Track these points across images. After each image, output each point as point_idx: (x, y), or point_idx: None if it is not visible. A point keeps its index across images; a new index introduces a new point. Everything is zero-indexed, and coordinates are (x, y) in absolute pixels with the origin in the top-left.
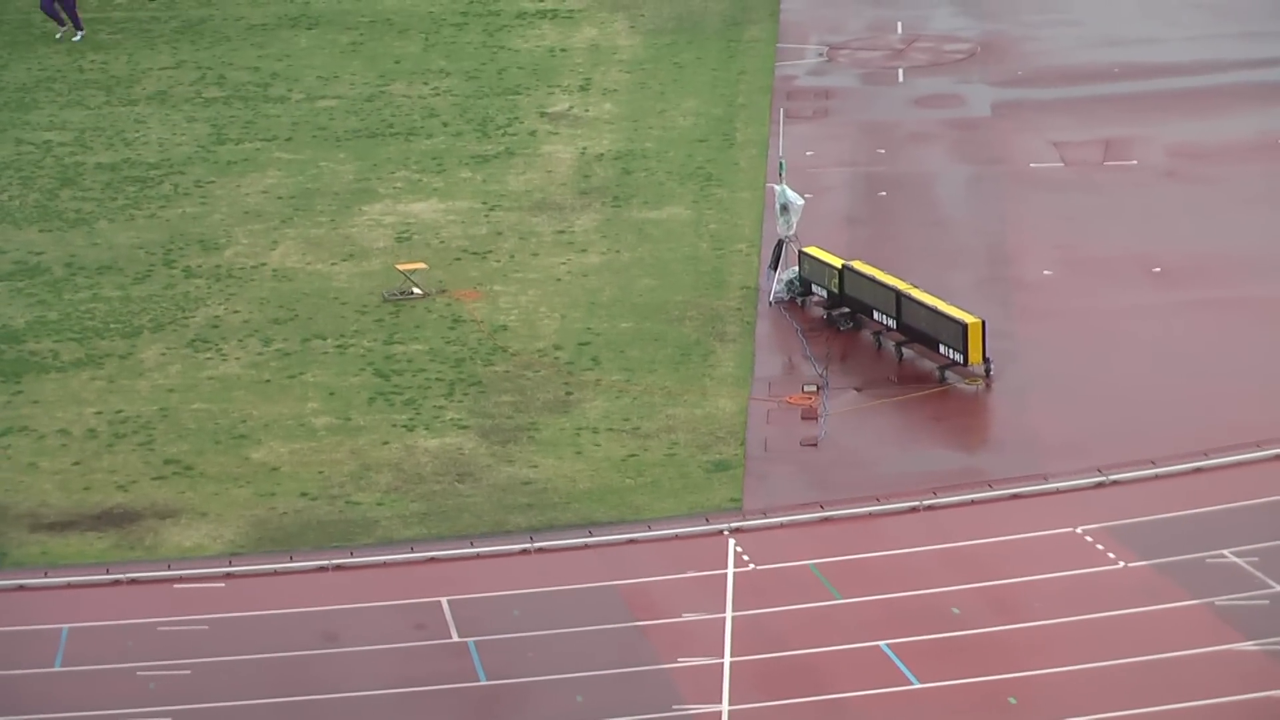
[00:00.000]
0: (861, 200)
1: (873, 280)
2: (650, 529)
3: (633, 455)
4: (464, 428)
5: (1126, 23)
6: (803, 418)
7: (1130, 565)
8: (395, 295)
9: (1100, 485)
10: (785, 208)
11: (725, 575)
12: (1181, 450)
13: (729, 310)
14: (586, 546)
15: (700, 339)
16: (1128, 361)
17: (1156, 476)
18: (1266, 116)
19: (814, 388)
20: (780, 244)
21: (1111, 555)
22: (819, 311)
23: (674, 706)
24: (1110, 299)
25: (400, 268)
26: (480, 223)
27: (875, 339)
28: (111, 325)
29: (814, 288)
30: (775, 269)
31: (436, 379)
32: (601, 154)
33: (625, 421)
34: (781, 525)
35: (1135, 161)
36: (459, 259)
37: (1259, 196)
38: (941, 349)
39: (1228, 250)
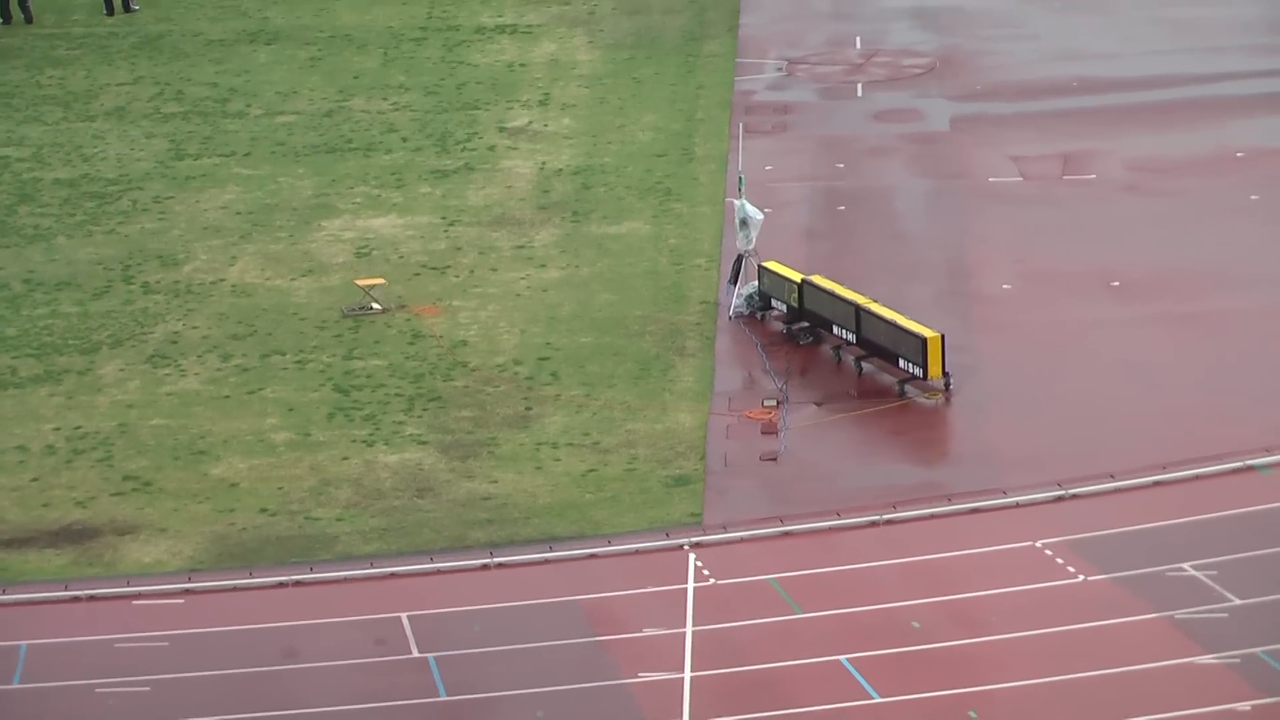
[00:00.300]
0: (821, 214)
1: (832, 295)
2: (610, 544)
3: (593, 470)
4: (424, 443)
5: (1084, 37)
6: (763, 432)
7: (1090, 579)
8: (355, 311)
9: (1059, 499)
10: (745, 222)
11: (686, 590)
12: (1140, 464)
13: (688, 325)
14: (547, 562)
15: (660, 354)
16: (1087, 375)
17: (1115, 490)
18: (1225, 130)
19: (774, 402)
20: (740, 258)
21: (1071, 569)
22: (779, 326)
23: None
24: (1070, 313)
25: (359, 283)
26: (440, 238)
27: (835, 353)
28: (70, 341)
29: (774, 302)
30: (735, 284)
31: (396, 394)
32: (561, 169)
33: (585, 436)
34: (741, 540)
35: (1094, 176)
36: (418, 274)
37: (1218, 210)
38: (901, 363)
39: (1187, 264)
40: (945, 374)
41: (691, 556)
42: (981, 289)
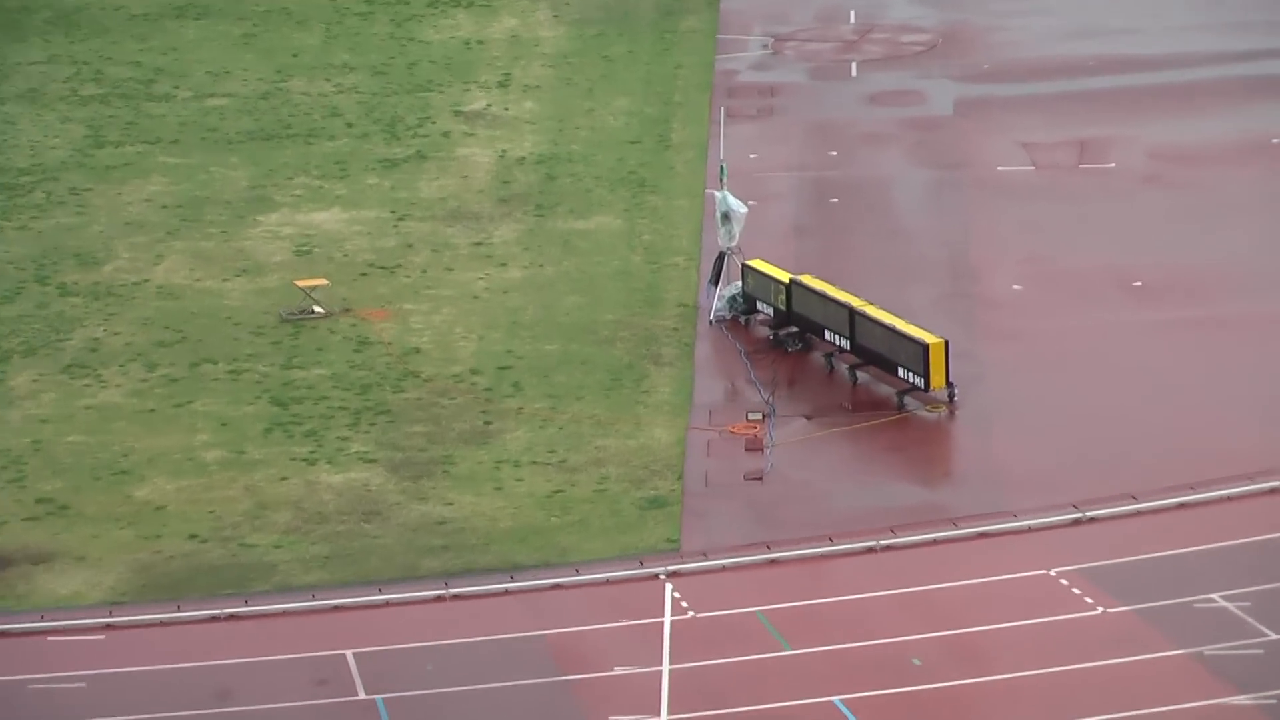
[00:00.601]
0: (811, 208)
1: (824, 297)
2: (578, 573)
3: (558, 491)
4: (371, 461)
5: (1103, 11)
6: (747, 449)
7: (1109, 610)
8: (294, 315)
9: (1076, 523)
10: (726, 216)
11: (662, 624)
12: (1165, 484)
13: (665, 330)
14: (507, 593)
15: (633, 362)
16: (1105, 386)
17: (1138, 513)
18: (1255, 114)
19: (759, 416)
20: (721, 257)
21: (1088, 600)
22: (764, 331)
23: None
24: (1086, 317)
25: (300, 284)
26: (389, 234)
27: (827, 361)
28: None
29: (759, 305)
30: (716, 284)
31: (340, 407)
32: (523, 157)
33: (550, 454)
34: (724, 568)
35: (1113, 165)
36: (365, 274)
37: (1248, 203)
38: (900, 372)
39: (1216, 263)
40: (949, 384)
41: (668, 587)
42: (989, 291)
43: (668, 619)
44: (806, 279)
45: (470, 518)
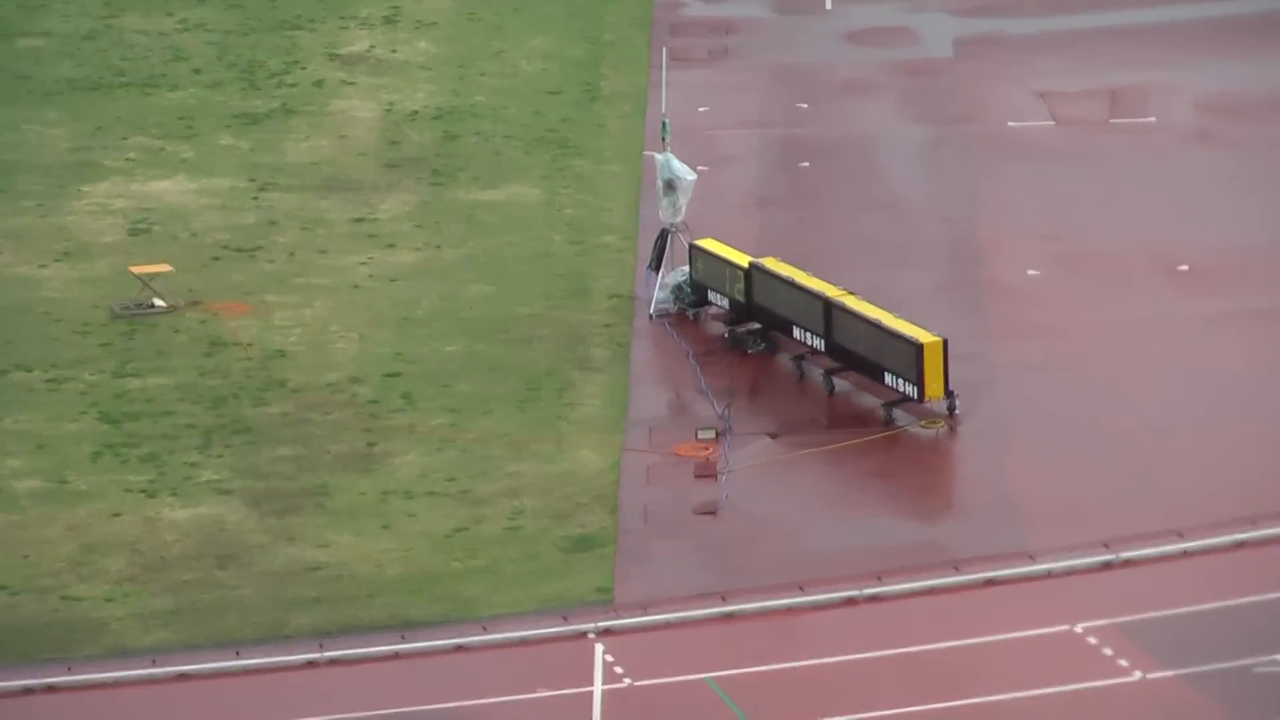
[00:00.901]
0: (777, 174)
1: (793, 285)
2: (486, 631)
3: (461, 529)
4: (226, 493)
5: None
6: (697, 476)
7: (1149, 676)
8: (129, 309)
9: (1107, 566)
10: (670, 185)
11: (591, 694)
12: (1215, 517)
13: (594, 327)
14: (398, 656)
15: (555, 368)
16: (1143, 396)
17: (1184, 554)
18: None
19: (712, 434)
20: (664, 235)
21: (1124, 662)
22: (718, 328)
23: None
24: (1119, 309)
25: (136, 271)
26: (247, 208)
27: (796, 365)
28: None
29: (711, 296)
30: (657, 270)
31: (187, 425)
32: (415, 112)
33: (450, 483)
34: (668, 625)
35: (1153, 119)
36: (217, 258)
37: None
38: (888, 378)
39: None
40: (949, 393)
41: (599, 648)
42: (999, 277)
43: (598, 688)
44: (770, 263)
45: (350, 563)
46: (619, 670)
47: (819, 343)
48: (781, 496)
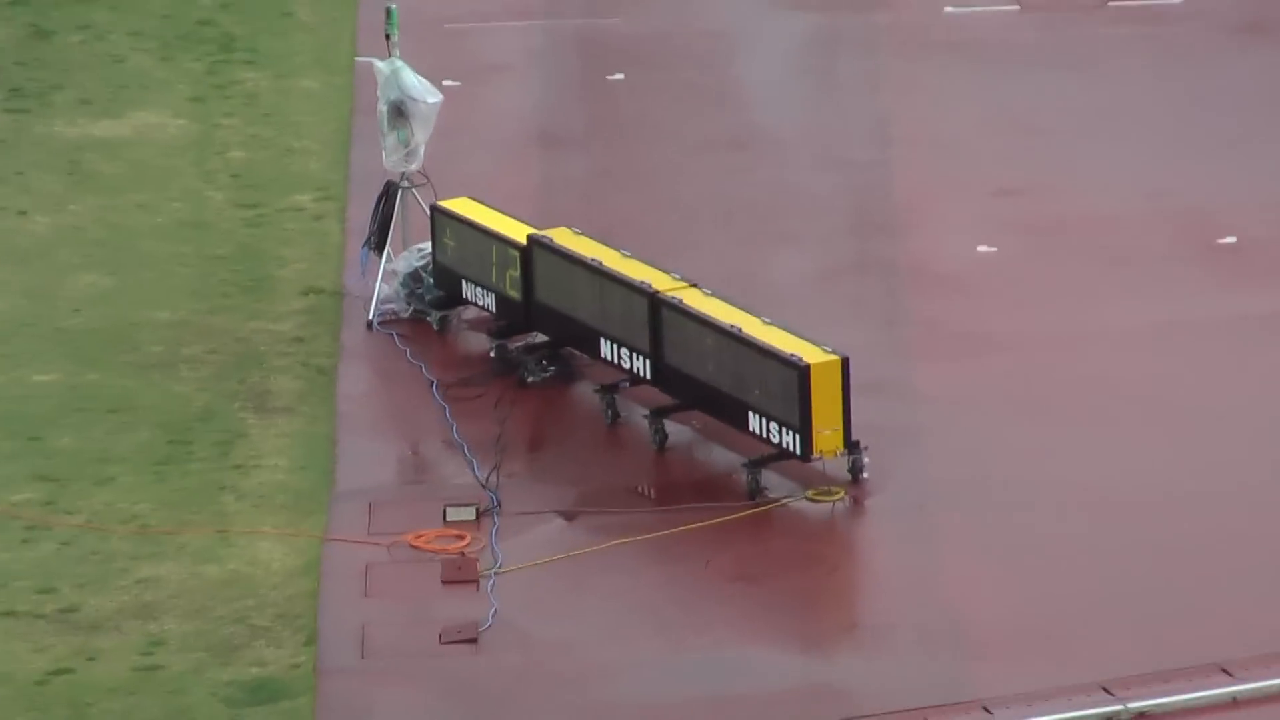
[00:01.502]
0: (572, 94)
1: (598, 272)
2: None
3: (61, 671)
4: None
5: None
6: (446, 581)
7: None
8: None
9: None
10: (400, 111)
11: None
12: (1251, 649)
13: (279, 342)
14: None
15: (214, 406)
16: (1149, 448)
17: (1233, 702)
18: None
19: (471, 513)
20: (391, 193)
21: None
22: (480, 342)
23: None
24: (1118, 309)
25: None
26: None
27: (605, 402)
28: None
29: (467, 290)
30: (379, 250)
31: None
32: None
33: (45, 594)
34: None
35: (1176, 0)
36: None
37: None
38: (754, 423)
39: None
40: (851, 446)
41: None
42: (928, 256)
43: None
44: (562, 236)
45: None
46: None
47: (642, 366)
48: (582, 614)
